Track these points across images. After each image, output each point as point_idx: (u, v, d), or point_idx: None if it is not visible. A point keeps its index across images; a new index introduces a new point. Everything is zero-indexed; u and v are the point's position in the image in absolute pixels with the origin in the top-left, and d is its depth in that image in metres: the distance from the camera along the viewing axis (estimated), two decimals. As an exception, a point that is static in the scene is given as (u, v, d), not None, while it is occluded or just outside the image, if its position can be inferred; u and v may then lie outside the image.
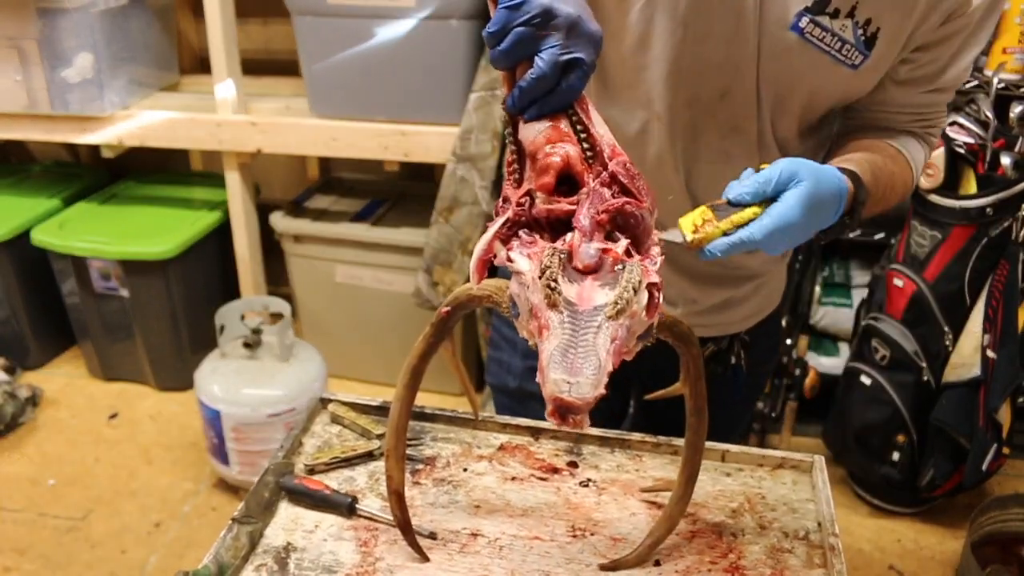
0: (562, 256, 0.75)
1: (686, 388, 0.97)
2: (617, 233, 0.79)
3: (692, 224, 0.93)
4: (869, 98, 1.13)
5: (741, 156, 1.14)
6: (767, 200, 0.93)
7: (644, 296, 0.74)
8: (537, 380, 0.72)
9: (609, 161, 0.81)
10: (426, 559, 1.02)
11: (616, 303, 0.72)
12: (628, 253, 0.77)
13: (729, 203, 0.94)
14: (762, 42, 1.04)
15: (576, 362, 0.70)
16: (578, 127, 0.82)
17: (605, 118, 1.13)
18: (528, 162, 0.83)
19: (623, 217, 0.78)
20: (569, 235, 0.77)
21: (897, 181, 1.12)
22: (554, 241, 0.79)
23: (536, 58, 0.79)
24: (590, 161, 0.81)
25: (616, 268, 0.75)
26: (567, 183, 0.82)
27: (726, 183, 1.15)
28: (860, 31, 1.03)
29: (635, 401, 1.59)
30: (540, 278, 0.73)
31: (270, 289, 3.00)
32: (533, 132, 0.82)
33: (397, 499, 1.01)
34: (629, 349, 0.77)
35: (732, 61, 1.06)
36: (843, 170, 1.00)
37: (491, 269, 0.85)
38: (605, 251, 0.76)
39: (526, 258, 0.76)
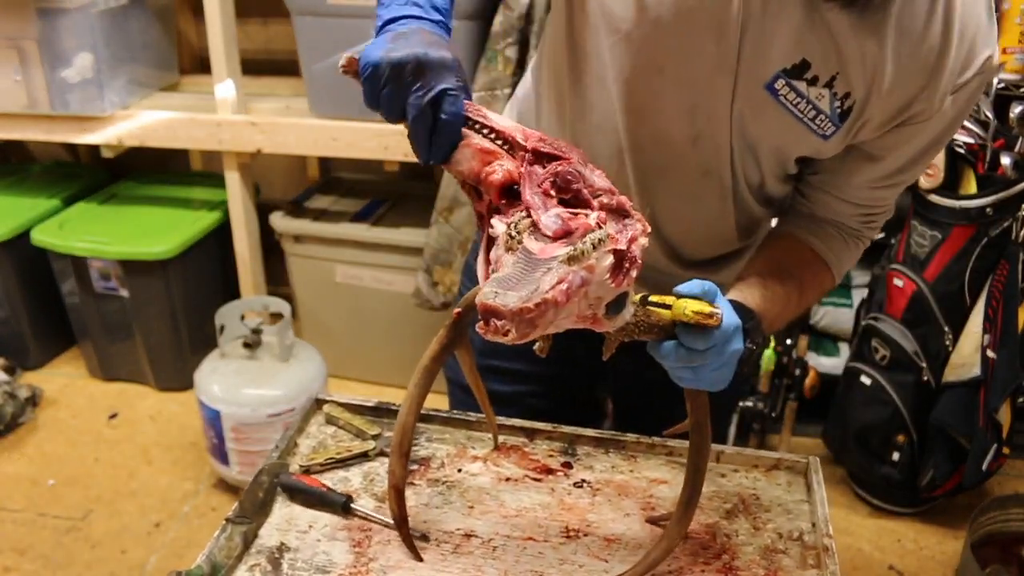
0: (533, 220, 0.78)
1: (688, 402, 0.96)
2: (568, 198, 0.82)
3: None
4: (826, 176, 1.13)
5: (712, 198, 1.14)
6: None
7: (607, 258, 0.76)
8: (478, 329, 0.74)
9: (525, 142, 0.85)
10: (419, 558, 1.02)
11: (569, 251, 0.74)
12: (599, 227, 0.79)
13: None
14: (737, 93, 1.02)
15: (512, 286, 0.73)
16: (484, 131, 0.85)
17: (585, 145, 1.12)
18: (479, 183, 0.86)
19: (561, 178, 0.81)
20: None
21: (793, 301, 1.11)
22: None
23: (406, 111, 0.83)
24: (511, 152, 0.85)
25: (584, 235, 0.77)
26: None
27: (692, 222, 1.17)
28: (837, 103, 1.00)
29: (613, 401, 1.58)
30: (506, 231, 0.77)
31: (270, 289, 3.00)
32: (459, 163, 0.85)
33: (396, 495, 1.01)
34: (595, 314, 0.79)
35: (704, 108, 1.05)
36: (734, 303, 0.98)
37: None
38: (574, 216, 0.78)
39: (502, 223, 0.80)
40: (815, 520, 1.10)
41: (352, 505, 1.09)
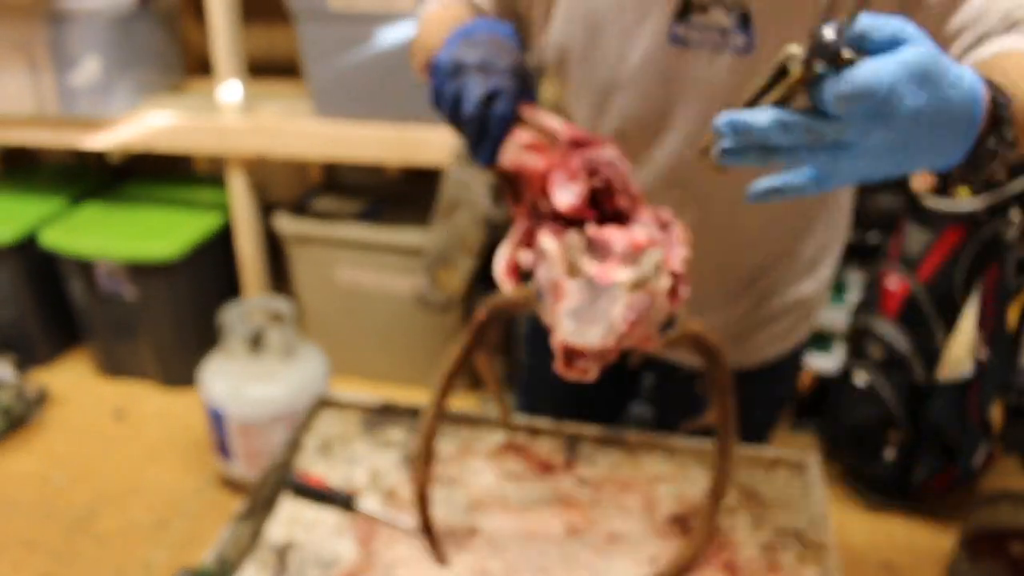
0: (586, 239, 0.78)
1: (714, 406, 0.97)
2: (598, 184, 0.82)
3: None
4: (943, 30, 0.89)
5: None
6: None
7: (665, 280, 0.75)
8: (550, 328, 0.73)
9: (565, 134, 0.86)
10: (444, 561, 1.03)
11: (636, 277, 0.73)
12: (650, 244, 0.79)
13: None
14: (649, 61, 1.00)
15: (588, 319, 0.71)
16: (532, 129, 0.87)
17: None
18: (521, 179, 0.87)
19: (591, 163, 0.82)
20: (591, 226, 0.80)
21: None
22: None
23: (463, 104, 0.85)
24: (555, 146, 0.86)
25: (639, 254, 0.77)
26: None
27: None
28: (733, 15, 0.94)
29: (648, 387, 1.54)
30: (562, 254, 0.76)
31: (273, 290, 3.03)
32: (503, 156, 0.87)
33: (422, 502, 1.03)
34: (649, 335, 0.78)
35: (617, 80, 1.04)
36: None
37: (524, 276, 0.88)
38: (624, 231, 0.78)
39: (552, 239, 0.80)
40: (814, 517, 1.12)
41: (356, 503, 1.12)
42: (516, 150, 0.86)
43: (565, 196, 0.80)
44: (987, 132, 0.65)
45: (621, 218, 0.83)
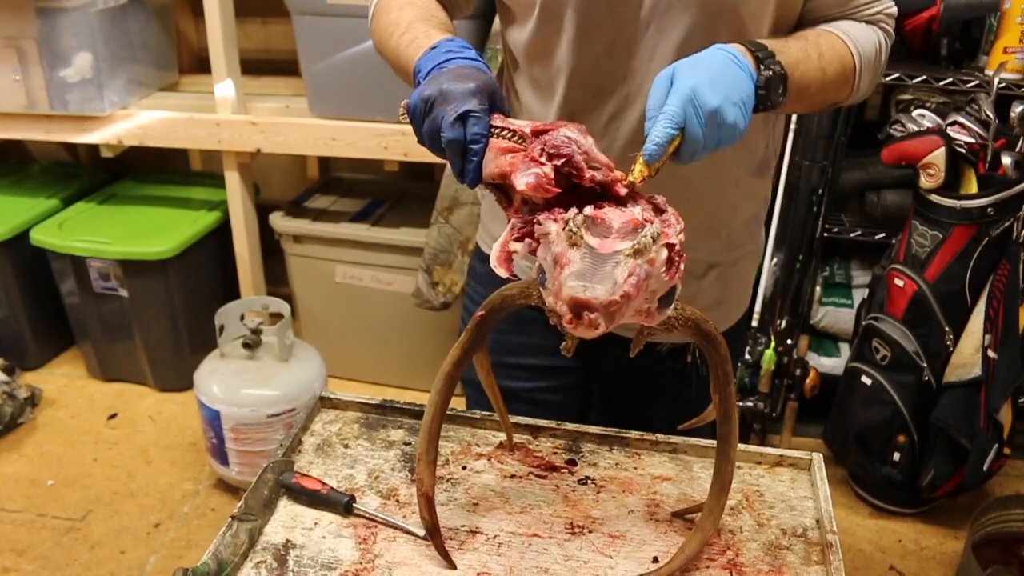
0: (586, 217, 0.79)
1: (715, 394, 0.97)
2: (561, 164, 0.84)
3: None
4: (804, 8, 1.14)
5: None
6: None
7: (663, 251, 0.78)
8: (549, 302, 0.77)
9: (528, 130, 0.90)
10: (453, 566, 1.01)
11: (635, 244, 0.76)
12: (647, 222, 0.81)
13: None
14: None
15: (593, 280, 0.75)
16: (505, 134, 0.90)
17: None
18: (505, 183, 0.89)
19: (550, 145, 0.85)
20: (588, 208, 0.81)
21: (812, 56, 1.07)
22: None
23: (441, 135, 0.91)
24: (525, 144, 0.89)
25: (636, 230, 0.79)
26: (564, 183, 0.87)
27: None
28: None
29: (599, 400, 1.56)
30: (564, 229, 0.78)
31: (270, 289, 3.00)
32: (486, 167, 0.90)
33: (427, 503, 1.01)
34: (650, 308, 0.81)
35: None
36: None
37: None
38: (620, 211, 0.81)
39: (553, 222, 0.82)
40: (819, 516, 1.11)
41: (355, 505, 1.09)
42: (493, 158, 0.89)
43: (523, 179, 0.83)
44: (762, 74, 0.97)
45: (613, 199, 0.86)
